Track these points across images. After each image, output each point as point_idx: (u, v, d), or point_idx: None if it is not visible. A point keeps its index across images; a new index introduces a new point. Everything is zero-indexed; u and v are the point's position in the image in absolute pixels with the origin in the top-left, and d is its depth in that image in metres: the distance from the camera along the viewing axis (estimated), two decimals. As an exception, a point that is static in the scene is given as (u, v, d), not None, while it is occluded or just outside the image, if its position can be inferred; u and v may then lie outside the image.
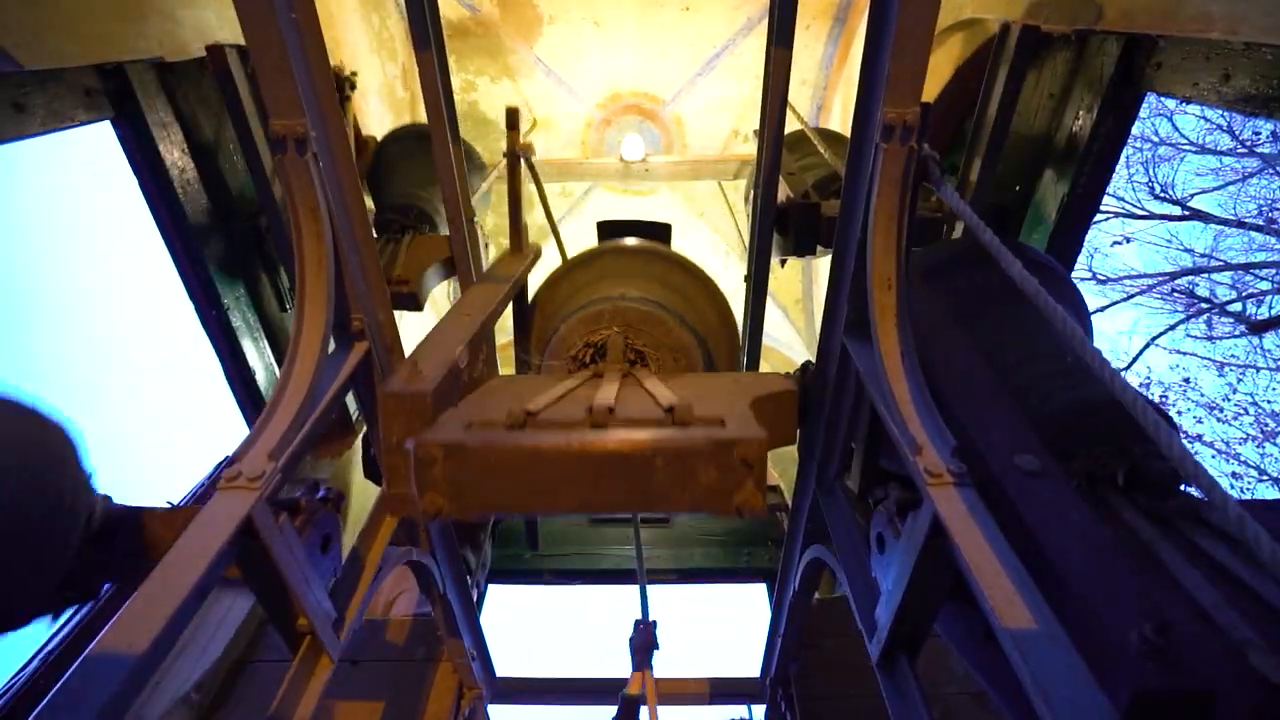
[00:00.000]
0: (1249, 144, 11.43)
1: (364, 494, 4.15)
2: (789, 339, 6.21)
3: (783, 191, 2.83)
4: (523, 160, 2.63)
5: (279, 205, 2.70)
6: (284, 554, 1.35)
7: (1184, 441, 0.88)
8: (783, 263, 3.31)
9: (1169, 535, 1.15)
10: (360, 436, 4.31)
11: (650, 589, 2.34)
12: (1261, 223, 11.20)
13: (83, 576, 1.27)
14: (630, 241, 2.60)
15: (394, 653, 2.93)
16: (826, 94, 5.15)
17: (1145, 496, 1.28)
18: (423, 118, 2.96)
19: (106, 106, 2.33)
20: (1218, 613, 0.93)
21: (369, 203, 3.56)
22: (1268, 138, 11.20)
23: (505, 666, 2.93)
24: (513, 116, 2.55)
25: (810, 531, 2.03)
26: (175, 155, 2.65)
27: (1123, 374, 0.98)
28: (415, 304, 2.78)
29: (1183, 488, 1.30)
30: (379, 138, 3.97)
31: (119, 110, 2.39)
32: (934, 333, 1.73)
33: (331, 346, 1.66)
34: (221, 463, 2.78)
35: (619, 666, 2.43)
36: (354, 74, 4.04)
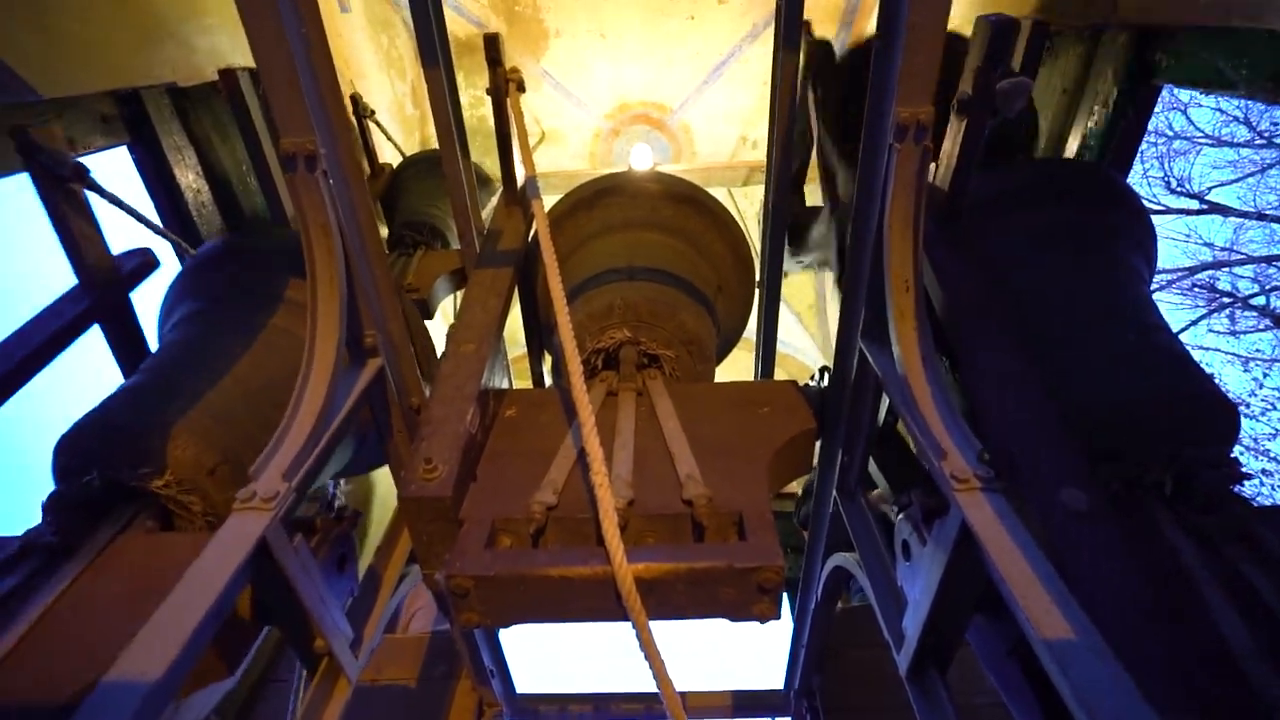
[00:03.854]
0: (1267, 135, 11.24)
1: (382, 509, 4.15)
2: (804, 345, 6.16)
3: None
4: (510, 94, 2.42)
5: (291, 224, 2.72)
6: (300, 575, 1.34)
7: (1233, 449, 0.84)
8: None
9: (1211, 563, 1.09)
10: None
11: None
12: (1283, 214, 10.99)
13: None
14: (633, 179, 2.51)
15: (412, 671, 2.91)
16: (834, 98, 5.13)
17: (1190, 509, 1.23)
18: (432, 134, 2.97)
19: (123, 132, 2.37)
20: (1251, 665, 0.89)
21: (383, 229, 3.59)
22: (1286, 128, 11.01)
23: (526, 683, 2.90)
24: (493, 47, 2.39)
25: (832, 539, 1.99)
26: (190, 178, 2.68)
27: (1188, 360, 0.93)
28: (425, 312, 2.82)
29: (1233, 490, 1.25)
30: (394, 164, 4.03)
31: (135, 135, 2.43)
32: (974, 304, 1.62)
33: (346, 363, 1.66)
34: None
35: (640, 681, 2.40)
36: (373, 112, 4.11)
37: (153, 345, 2.24)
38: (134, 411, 1.70)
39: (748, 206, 5.89)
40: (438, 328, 3.67)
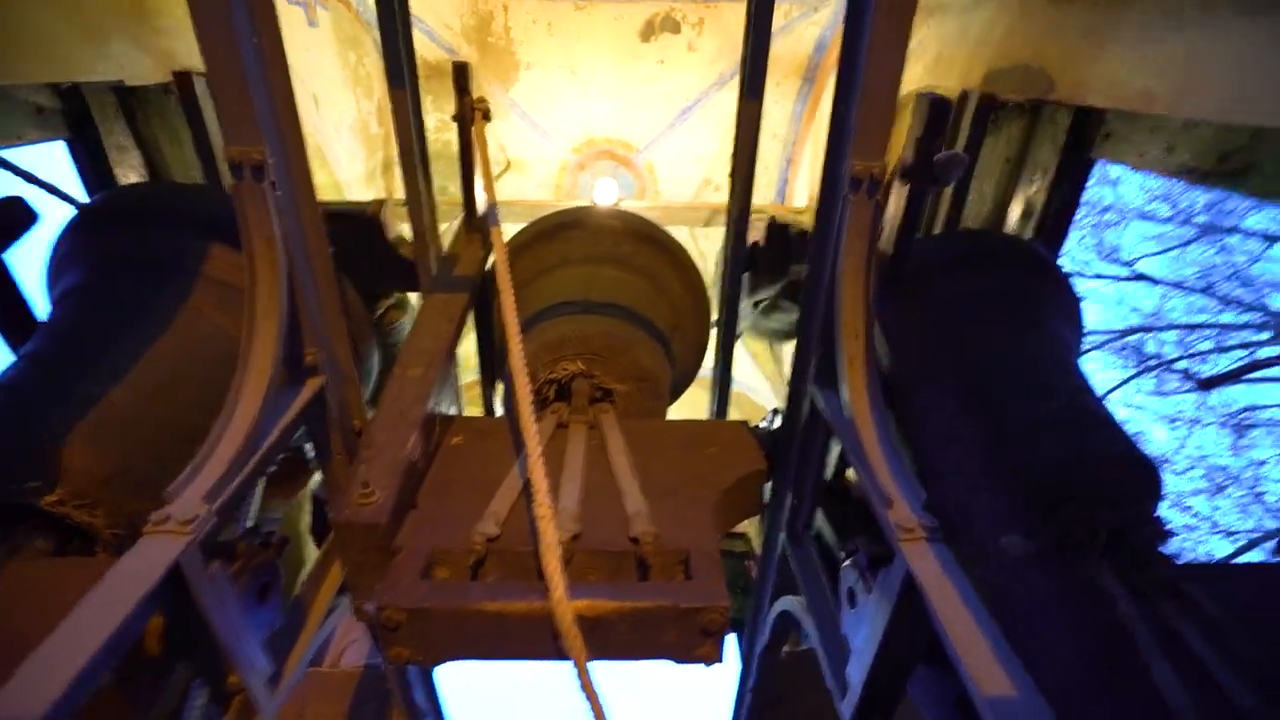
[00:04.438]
0: (1185, 213, 12.17)
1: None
2: (757, 384, 6.23)
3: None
4: (474, 122, 2.38)
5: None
6: (214, 605, 1.24)
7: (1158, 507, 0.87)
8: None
9: (1145, 617, 1.12)
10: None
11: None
12: (1201, 286, 11.85)
13: None
14: (594, 215, 2.53)
15: (340, 708, 2.73)
16: (795, 148, 5.32)
17: (1126, 563, 1.26)
18: (395, 154, 2.94)
19: (60, 126, 2.26)
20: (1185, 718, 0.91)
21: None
22: (1203, 208, 11.96)
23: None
24: (461, 76, 2.36)
25: (780, 583, 1.98)
26: (132, 179, 2.57)
27: (1114, 423, 0.97)
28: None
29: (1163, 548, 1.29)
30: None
31: (75, 131, 2.32)
32: (921, 359, 1.68)
33: (282, 380, 1.58)
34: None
35: (577, 726, 2.31)
36: None
37: (40, 311, 1.90)
38: (17, 414, 1.50)
39: (709, 247, 6.00)
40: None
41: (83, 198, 2.51)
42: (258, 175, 1.33)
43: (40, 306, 1.92)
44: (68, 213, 1.98)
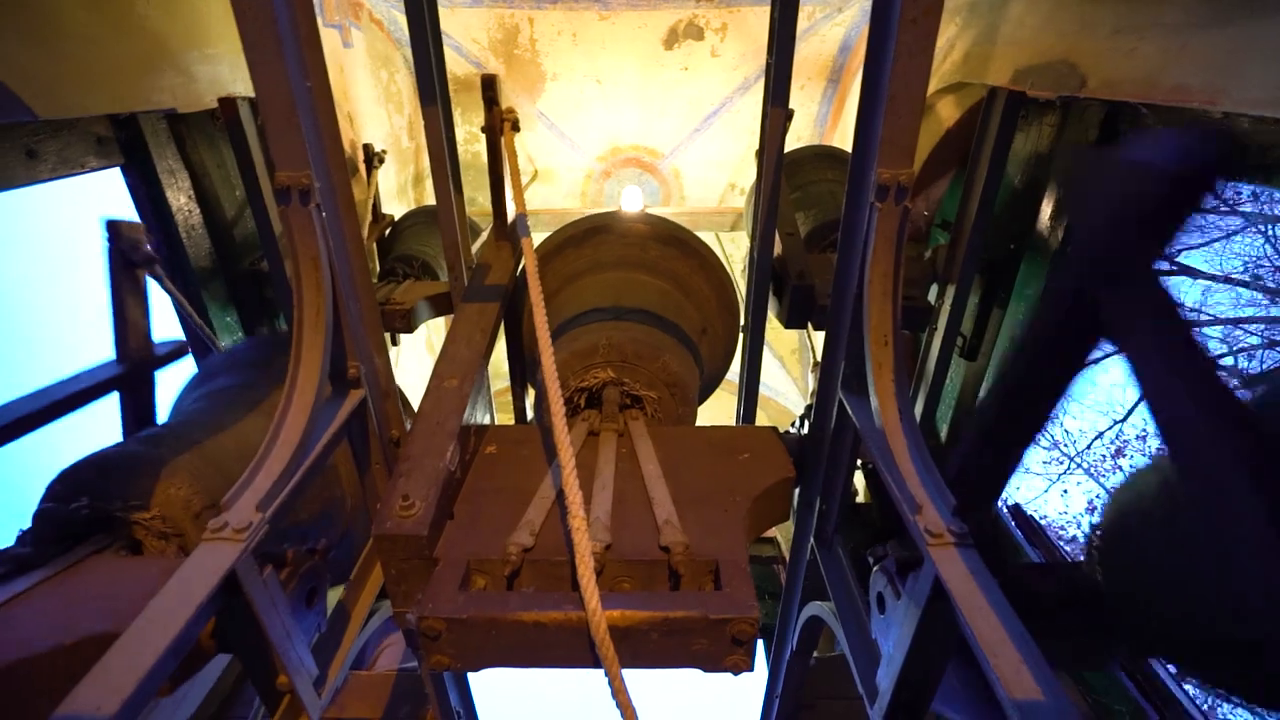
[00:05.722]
0: (1230, 203, 11.75)
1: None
2: (785, 388, 6.21)
3: (777, 248, 2.86)
4: (504, 133, 2.43)
5: (281, 252, 2.74)
6: (267, 609, 1.31)
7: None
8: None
9: None
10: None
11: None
12: (1247, 279, 11.41)
13: None
14: (621, 220, 2.52)
15: (377, 709, 2.81)
16: (821, 150, 5.30)
17: None
18: (427, 167, 3.02)
19: (117, 154, 2.38)
20: None
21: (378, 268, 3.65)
22: (1248, 196, 11.52)
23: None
24: (490, 88, 2.42)
25: (809, 588, 1.98)
26: (181, 200, 2.69)
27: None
28: (407, 326, 2.88)
29: None
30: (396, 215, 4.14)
31: (129, 158, 2.44)
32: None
33: (328, 394, 1.65)
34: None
35: (610, 728, 2.34)
36: (384, 151, 4.19)
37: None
38: (135, 451, 1.72)
39: (734, 251, 6.00)
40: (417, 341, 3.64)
41: (134, 219, 2.65)
42: (305, 199, 1.40)
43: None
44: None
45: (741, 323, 2.79)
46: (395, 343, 4.26)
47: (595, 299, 2.33)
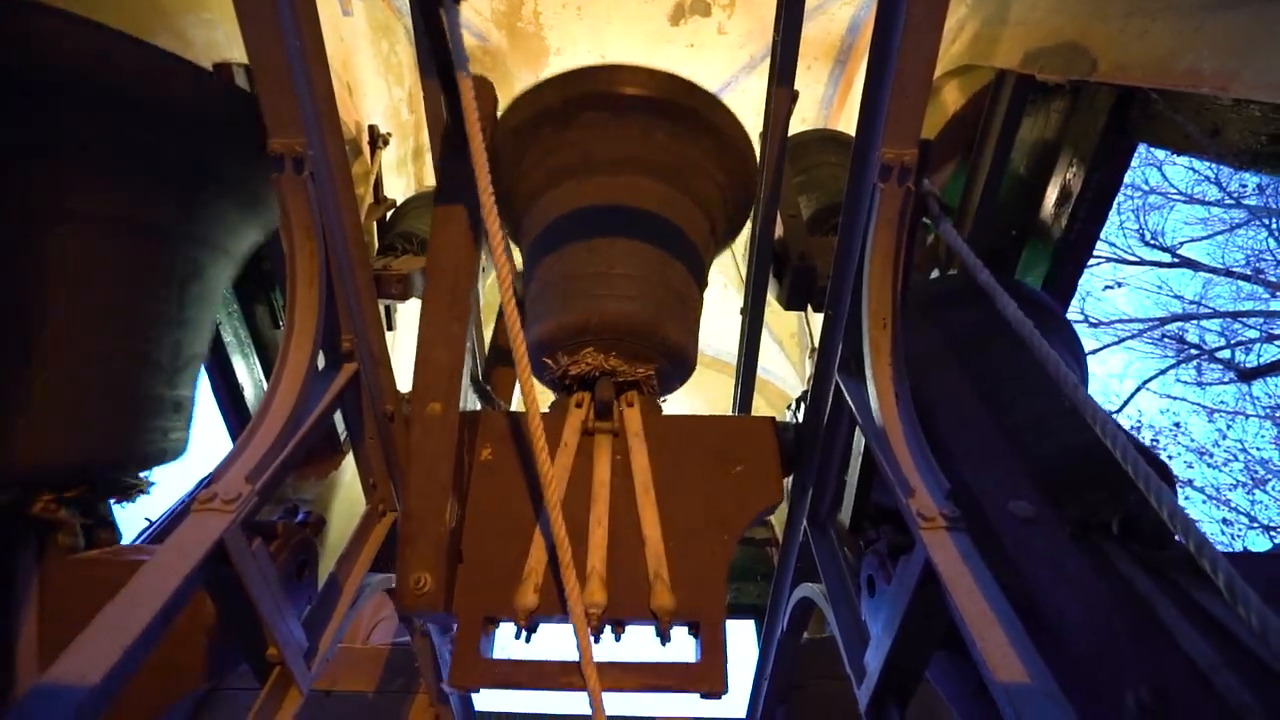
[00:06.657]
0: (1236, 196, 11.68)
1: (345, 517, 4.07)
2: (784, 372, 6.21)
3: (779, 231, 2.81)
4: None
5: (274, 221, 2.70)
6: (256, 581, 1.31)
7: (1175, 495, 0.86)
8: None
9: (1166, 590, 1.12)
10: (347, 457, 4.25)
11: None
12: (1249, 272, 11.38)
13: None
14: (616, 88, 2.13)
15: (370, 683, 2.84)
16: (825, 133, 5.24)
17: (1141, 545, 1.26)
18: (426, 140, 2.98)
19: (108, 119, 2.34)
20: (1215, 675, 0.90)
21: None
22: (1253, 190, 11.45)
23: (485, 700, 2.84)
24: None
25: (800, 569, 1.99)
26: (175, 169, 2.65)
27: (1115, 420, 0.97)
28: (403, 292, 2.88)
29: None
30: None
31: (121, 123, 2.40)
32: (932, 369, 1.72)
33: (320, 366, 1.64)
34: (202, 481, 2.73)
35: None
36: (388, 134, 4.13)
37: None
38: None
39: (735, 233, 5.95)
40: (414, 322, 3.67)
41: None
42: (298, 167, 1.38)
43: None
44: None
45: (741, 305, 2.76)
46: (391, 327, 4.24)
47: (584, 255, 2.02)
